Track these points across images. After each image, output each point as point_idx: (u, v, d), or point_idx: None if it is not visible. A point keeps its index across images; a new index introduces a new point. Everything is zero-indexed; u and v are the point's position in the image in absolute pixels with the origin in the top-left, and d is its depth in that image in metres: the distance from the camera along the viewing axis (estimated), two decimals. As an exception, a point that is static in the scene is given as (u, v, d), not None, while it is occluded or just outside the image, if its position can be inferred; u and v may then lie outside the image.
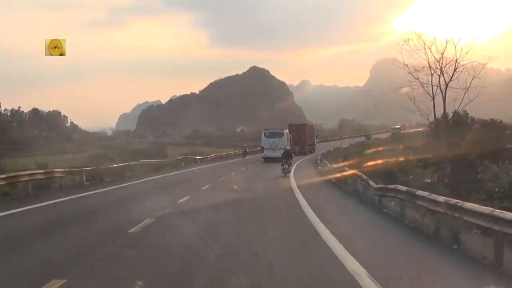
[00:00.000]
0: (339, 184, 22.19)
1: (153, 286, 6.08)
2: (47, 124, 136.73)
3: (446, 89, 29.35)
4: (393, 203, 13.72)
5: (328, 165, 32.97)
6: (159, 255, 7.81)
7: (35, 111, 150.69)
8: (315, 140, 66.37)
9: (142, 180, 24.44)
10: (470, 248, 8.51)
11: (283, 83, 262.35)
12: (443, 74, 29.84)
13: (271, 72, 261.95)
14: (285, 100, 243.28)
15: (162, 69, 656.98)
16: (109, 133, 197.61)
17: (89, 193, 18.46)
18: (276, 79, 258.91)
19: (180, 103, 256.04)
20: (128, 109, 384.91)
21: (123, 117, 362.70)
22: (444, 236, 9.33)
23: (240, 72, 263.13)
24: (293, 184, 21.78)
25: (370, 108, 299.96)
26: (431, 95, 29.76)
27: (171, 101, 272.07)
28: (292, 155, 30.65)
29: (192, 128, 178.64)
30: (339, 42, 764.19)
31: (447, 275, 7.16)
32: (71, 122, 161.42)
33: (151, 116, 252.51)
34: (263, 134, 47.06)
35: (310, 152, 58.40)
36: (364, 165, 24.59)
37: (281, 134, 46.20)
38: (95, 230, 10.37)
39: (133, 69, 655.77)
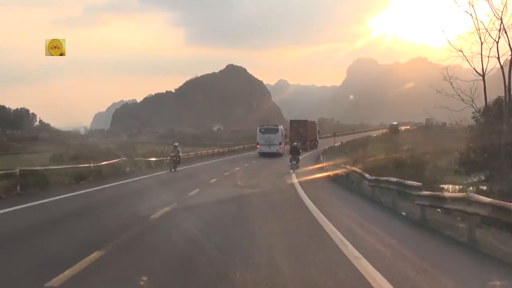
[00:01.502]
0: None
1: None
2: (13, 122, 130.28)
3: None
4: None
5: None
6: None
7: (1, 108, 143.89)
8: (317, 136, 66.84)
9: None
10: None
11: (260, 82, 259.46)
12: (506, 34, 19.82)
13: (248, 71, 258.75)
14: (263, 99, 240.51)
15: (138, 68, 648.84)
16: (83, 132, 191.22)
17: None
18: (254, 77, 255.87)
19: (155, 102, 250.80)
20: (103, 108, 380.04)
21: (98, 116, 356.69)
22: None
23: (216, 71, 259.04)
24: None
25: (347, 107, 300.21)
26: (480, 73, 21.02)
27: (146, 99, 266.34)
28: (300, 150, 31.15)
29: (167, 127, 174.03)
30: (316, 42, 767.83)
31: None
32: (40, 121, 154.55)
33: (126, 114, 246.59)
34: (258, 130, 48.39)
35: (312, 149, 58.08)
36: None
37: (276, 130, 47.82)
38: None
39: (108, 68, 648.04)
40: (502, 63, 20.69)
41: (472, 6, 20.81)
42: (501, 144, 20.78)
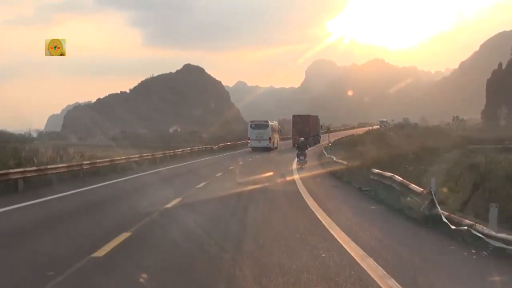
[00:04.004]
0: None
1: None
2: None
3: None
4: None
5: None
6: None
7: None
8: (320, 131, 66.63)
9: None
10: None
11: (219, 82, 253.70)
12: None
13: (206, 71, 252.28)
14: (221, 100, 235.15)
15: (94, 69, 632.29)
16: (35, 134, 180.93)
17: None
18: (212, 77, 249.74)
19: (109, 103, 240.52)
20: (58, 110, 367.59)
21: (53, 118, 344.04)
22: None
23: (173, 71, 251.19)
24: None
25: (307, 108, 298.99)
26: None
27: (99, 100, 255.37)
28: (308, 146, 31.12)
29: (121, 128, 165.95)
30: (274, 44, 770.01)
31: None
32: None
33: (78, 116, 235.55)
34: (249, 126, 51.14)
35: (315, 144, 57.33)
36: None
37: (266, 126, 50.21)
38: None
39: (63, 69, 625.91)
40: None
41: None
42: None
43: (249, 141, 50.82)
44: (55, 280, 6.56)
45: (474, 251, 8.39)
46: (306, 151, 29.21)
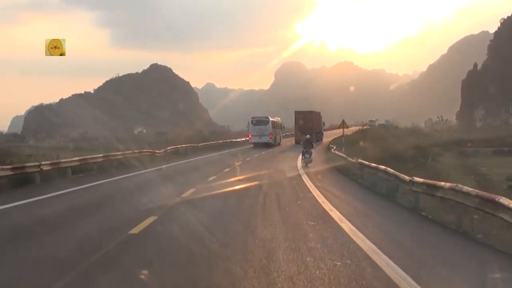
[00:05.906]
0: None
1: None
2: None
3: None
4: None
5: None
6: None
7: None
8: (322, 128, 65.09)
9: None
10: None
11: (187, 83, 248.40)
12: None
13: (174, 71, 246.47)
14: (190, 101, 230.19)
15: (60, 70, 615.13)
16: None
17: None
18: (180, 78, 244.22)
19: (72, 104, 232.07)
20: (21, 112, 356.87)
21: (16, 120, 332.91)
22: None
23: (140, 70, 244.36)
24: None
25: (276, 110, 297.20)
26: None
27: (62, 101, 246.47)
28: (313, 144, 30.23)
29: (84, 129, 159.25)
30: (243, 46, 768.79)
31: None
32: None
33: (40, 117, 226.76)
34: (250, 122, 51.32)
35: (317, 141, 55.24)
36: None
37: (267, 122, 50.65)
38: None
39: (27, 70, 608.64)
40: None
41: None
42: None
43: (250, 136, 51.84)
44: None
45: None
46: (312, 149, 28.01)
